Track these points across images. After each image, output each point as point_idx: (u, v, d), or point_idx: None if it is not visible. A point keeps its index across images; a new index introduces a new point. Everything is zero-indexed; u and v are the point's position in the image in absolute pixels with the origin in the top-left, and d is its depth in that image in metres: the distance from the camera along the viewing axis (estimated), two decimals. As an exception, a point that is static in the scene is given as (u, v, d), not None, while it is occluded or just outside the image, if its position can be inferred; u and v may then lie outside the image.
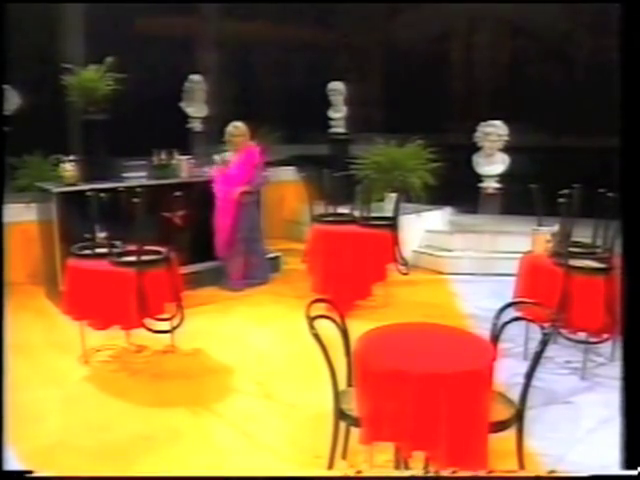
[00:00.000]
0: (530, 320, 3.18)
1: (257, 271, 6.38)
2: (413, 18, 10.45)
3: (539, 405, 3.66)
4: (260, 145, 6.31)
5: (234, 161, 6.14)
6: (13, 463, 3.00)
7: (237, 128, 6.13)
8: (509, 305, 3.11)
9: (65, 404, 3.99)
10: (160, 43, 9.36)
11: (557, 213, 4.53)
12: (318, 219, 6.12)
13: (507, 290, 4.59)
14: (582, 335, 4.33)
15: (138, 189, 4.80)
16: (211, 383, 4.29)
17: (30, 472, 2.51)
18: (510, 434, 2.86)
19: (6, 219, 5.09)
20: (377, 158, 7.45)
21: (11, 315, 3.63)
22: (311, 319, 2.87)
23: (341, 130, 9.05)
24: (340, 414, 2.94)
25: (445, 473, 2.61)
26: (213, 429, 3.66)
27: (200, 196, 6.10)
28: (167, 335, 4.64)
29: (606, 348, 4.47)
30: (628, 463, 2.26)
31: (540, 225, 4.83)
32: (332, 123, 9.06)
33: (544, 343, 2.76)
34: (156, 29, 9.33)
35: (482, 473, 2.62)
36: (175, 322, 4.58)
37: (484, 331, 3.11)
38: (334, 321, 3.07)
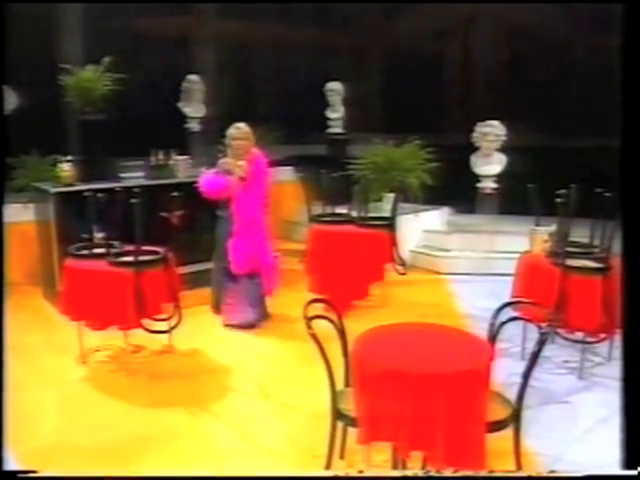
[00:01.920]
0: (528, 320, 3.19)
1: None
2: (411, 18, 10.46)
3: (536, 405, 3.66)
4: (263, 149, 5.39)
5: (249, 173, 5.09)
6: (11, 463, 3.00)
7: (239, 130, 5.11)
8: (506, 305, 3.11)
9: (63, 404, 3.99)
10: (158, 43, 9.36)
11: (555, 213, 4.53)
12: (316, 219, 6.12)
13: (505, 290, 4.60)
14: (579, 335, 4.34)
15: (136, 189, 4.81)
16: (209, 383, 4.29)
17: (30, 472, 2.51)
18: (507, 434, 2.87)
19: (4, 219, 5.08)
20: (375, 158, 7.45)
21: (8, 315, 3.62)
22: (308, 319, 2.87)
23: (339, 130, 9.05)
24: (338, 414, 2.95)
25: (444, 473, 2.61)
26: (211, 429, 3.66)
27: (198, 196, 6.09)
28: (165, 335, 4.64)
29: (603, 348, 4.48)
30: (628, 463, 2.26)
31: (538, 225, 4.84)
32: (330, 123, 9.06)
33: (541, 343, 2.77)
34: (154, 29, 9.32)
35: (481, 473, 2.62)
36: (173, 322, 4.58)
37: (482, 331, 3.12)
38: (331, 321, 3.07)
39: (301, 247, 6.29)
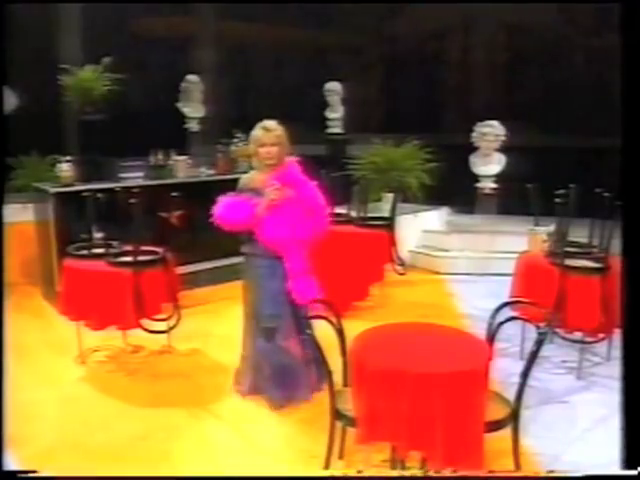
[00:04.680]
0: (526, 320, 3.19)
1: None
2: (410, 18, 10.46)
3: (535, 404, 3.67)
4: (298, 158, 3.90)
5: (283, 195, 3.65)
6: (10, 463, 3.00)
7: (270, 132, 3.69)
8: (505, 305, 3.12)
9: (62, 404, 3.99)
10: (157, 43, 9.37)
11: (553, 213, 4.54)
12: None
13: (504, 290, 4.60)
14: (578, 335, 4.34)
15: (135, 189, 4.80)
16: (208, 383, 4.29)
17: (30, 472, 2.51)
18: (506, 433, 2.87)
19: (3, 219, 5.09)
20: (374, 158, 7.46)
21: (8, 315, 3.63)
22: (307, 319, 2.87)
23: (338, 130, 9.06)
24: (336, 414, 2.95)
25: (442, 473, 2.62)
26: (210, 429, 3.66)
27: (197, 196, 6.09)
28: (164, 335, 4.64)
29: (602, 348, 4.48)
30: (628, 463, 2.27)
31: (537, 225, 4.84)
32: (329, 123, 9.07)
33: (540, 343, 2.77)
34: (153, 29, 9.34)
35: (480, 473, 2.62)
36: (172, 322, 4.57)
37: (481, 331, 3.12)
38: (330, 321, 3.08)
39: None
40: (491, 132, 7.67)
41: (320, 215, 3.79)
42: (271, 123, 3.73)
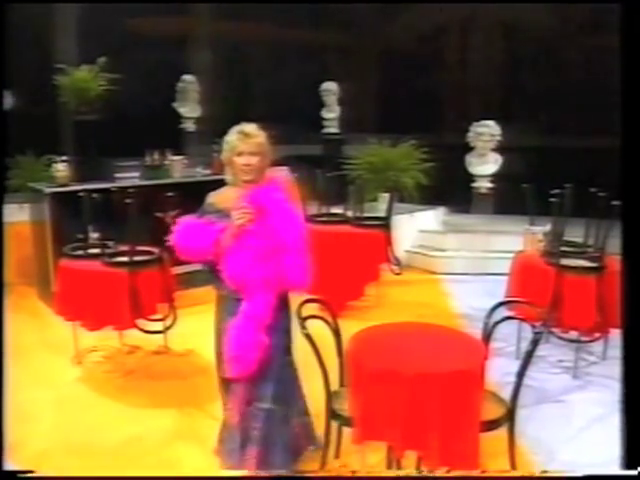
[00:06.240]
0: (522, 319, 3.20)
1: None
2: (407, 18, 10.47)
3: (531, 404, 3.67)
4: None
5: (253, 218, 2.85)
6: (9, 464, 2.99)
7: (249, 138, 2.95)
8: (501, 304, 3.12)
9: (58, 405, 3.98)
10: (153, 43, 9.35)
11: (549, 213, 4.55)
12: (311, 219, 6.11)
13: (500, 289, 4.60)
14: (574, 334, 4.35)
15: (131, 189, 4.80)
16: (204, 383, 4.26)
17: (29, 472, 2.51)
18: (502, 433, 2.87)
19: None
20: (370, 158, 7.46)
21: (6, 316, 3.62)
22: (303, 319, 2.87)
23: (334, 130, 9.07)
24: (332, 414, 2.95)
25: (438, 472, 2.62)
26: (207, 430, 3.65)
27: (193, 196, 6.08)
28: (160, 335, 4.63)
29: (598, 347, 4.50)
30: (627, 463, 2.27)
31: (532, 225, 4.85)
32: (325, 123, 9.08)
33: (535, 342, 2.78)
34: (149, 29, 9.32)
35: (475, 473, 2.62)
36: (168, 322, 4.57)
37: (477, 330, 3.12)
38: (326, 321, 3.07)
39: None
40: (487, 132, 7.68)
41: (290, 257, 2.89)
42: (251, 127, 2.98)
